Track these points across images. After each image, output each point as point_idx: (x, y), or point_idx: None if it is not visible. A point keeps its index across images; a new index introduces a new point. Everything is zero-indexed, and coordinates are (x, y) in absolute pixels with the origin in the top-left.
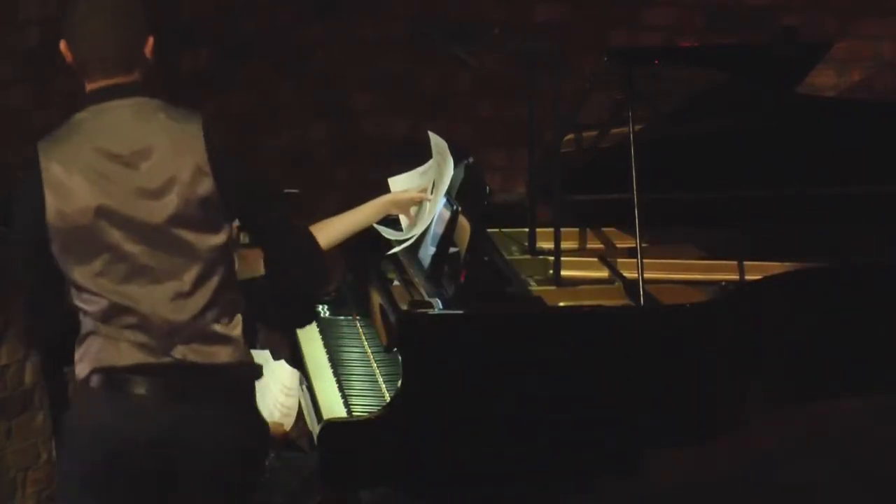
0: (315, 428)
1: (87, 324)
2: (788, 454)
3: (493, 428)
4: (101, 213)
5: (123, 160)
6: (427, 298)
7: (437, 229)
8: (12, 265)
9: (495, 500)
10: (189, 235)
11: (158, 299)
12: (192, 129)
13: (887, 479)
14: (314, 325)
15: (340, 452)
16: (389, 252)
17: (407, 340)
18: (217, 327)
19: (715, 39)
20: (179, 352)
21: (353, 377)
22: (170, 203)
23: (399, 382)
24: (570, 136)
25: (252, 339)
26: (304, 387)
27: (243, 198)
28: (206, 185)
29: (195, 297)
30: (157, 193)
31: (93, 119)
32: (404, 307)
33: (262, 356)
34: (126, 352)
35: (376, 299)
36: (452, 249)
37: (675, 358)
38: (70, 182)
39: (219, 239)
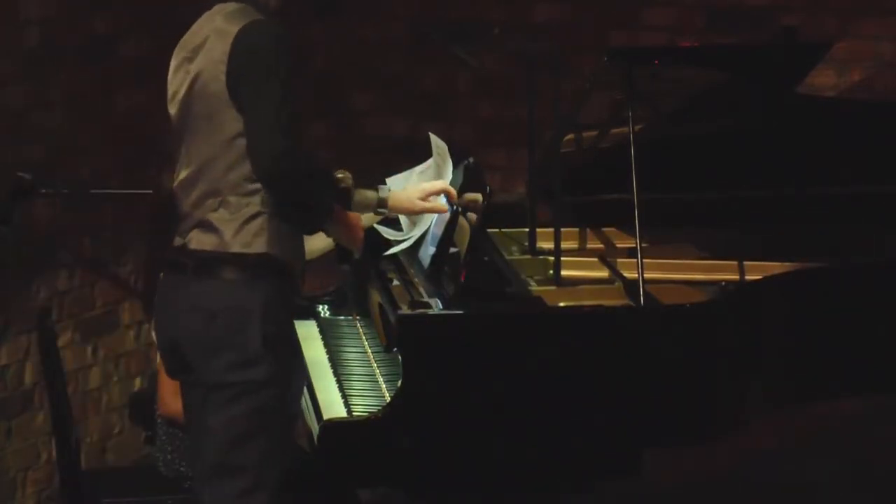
0: (315, 428)
1: None
2: (788, 454)
3: (493, 428)
4: (172, 102)
5: (188, 58)
6: (427, 298)
7: (437, 229)
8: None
9: (495, 500)
10: (200, 127)
11: (179, 187)
12: (232, 31)
13: (887, 479)
14: (314, 324)
15: (340, 452)
16: (389, 252)
17: (407, 340)
18: (212, 216)
19: (715, 39)
20: (187, 237)
21: (353, 377)
22: (192, 97)
23: (399, 382)
24: (570, 136)
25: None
26: None
27: (242, 90)
28: (218, 83)
29: (197, 188)
30: (189, 87)
31: (199, 20)
32: (404, 307)
33: None
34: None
35: (376, 299)
36: (452, 249)
37: (675, 358)
38: (170, 73)
39: (223, 135)
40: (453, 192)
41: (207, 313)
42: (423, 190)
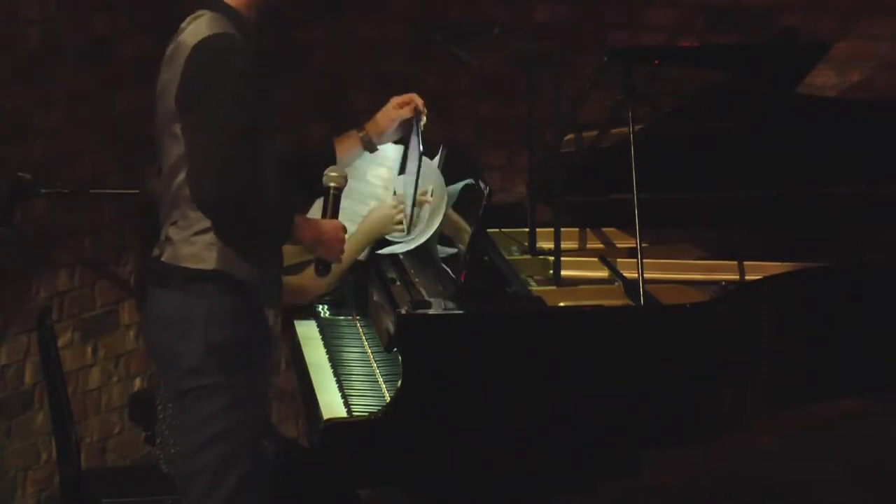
0: (315, 428)
1: None
2: (788, 454)
3: (493, 428)
4: (157, 112)
5: (167, 62)
6: (427, 298)
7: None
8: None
9: (495, 500)
10: (164, 139)
11: (158, 195)
12: (190, 45)
13: (887, 478)
14: (314, 324)
15: (340, 452)
16: (387, 250)
17: (407, 340)
18: (171, 230)
19: (715, 39)
20: (160, 247)
21: (353, 377)
22: (158, 108)
23: (399, 382)
24: (570, 136)
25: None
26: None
27: (185, 112)
28: (172, 100)
29: (166, 200)
30: (158, 98)
31: (183, 22)
32: (404, 307)
33: None
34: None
35: (376, 299)
36: (452, 250)
37: (676, 358)
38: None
39: (180, 148)
40: (419, 100)
41: (163, 322)
42: (392, 101)
